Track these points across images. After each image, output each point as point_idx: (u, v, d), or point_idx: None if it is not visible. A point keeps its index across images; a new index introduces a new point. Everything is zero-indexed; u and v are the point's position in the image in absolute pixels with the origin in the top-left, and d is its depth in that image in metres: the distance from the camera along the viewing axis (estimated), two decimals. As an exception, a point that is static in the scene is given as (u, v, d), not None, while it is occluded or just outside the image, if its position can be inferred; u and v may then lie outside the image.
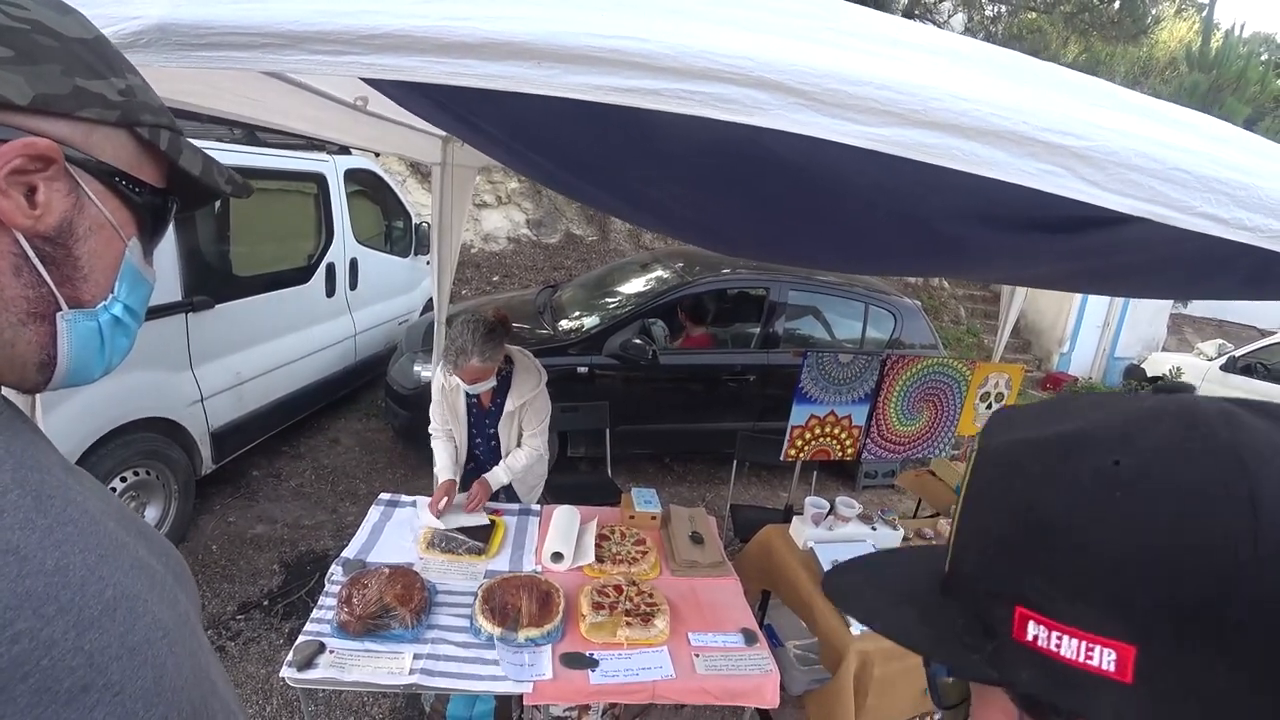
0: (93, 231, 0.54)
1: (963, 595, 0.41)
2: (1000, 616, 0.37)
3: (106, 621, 0.48)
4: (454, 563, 2.08)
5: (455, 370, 2.30)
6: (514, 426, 2.53)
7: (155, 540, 0.64)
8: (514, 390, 2.47)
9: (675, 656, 1.80)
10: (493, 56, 0.66)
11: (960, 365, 2.98)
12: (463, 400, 2.49)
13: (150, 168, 0.58)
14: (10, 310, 0.51)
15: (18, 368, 0.53)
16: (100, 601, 0.48)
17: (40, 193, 0.50)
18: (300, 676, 1.55)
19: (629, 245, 9.37)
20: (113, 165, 0.54)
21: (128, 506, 0.65)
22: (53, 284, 0.52)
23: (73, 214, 0.52)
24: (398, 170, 8.25)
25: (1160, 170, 0.90)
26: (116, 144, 0.54)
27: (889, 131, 0.73)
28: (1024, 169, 0.83)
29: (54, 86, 0.49)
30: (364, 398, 5.29)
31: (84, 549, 0.49)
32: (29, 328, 0.52)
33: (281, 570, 3.25)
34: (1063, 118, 0.84)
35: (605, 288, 5.22)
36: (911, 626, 0.43)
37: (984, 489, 0.41)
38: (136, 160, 0.56)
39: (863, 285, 5.28)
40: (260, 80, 1.49)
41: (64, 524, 0.49)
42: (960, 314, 10.28)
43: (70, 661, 0.44)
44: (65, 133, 0.51)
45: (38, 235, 0.50)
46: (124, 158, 0.55)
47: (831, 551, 2.38)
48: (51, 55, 0.49)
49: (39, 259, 0.51)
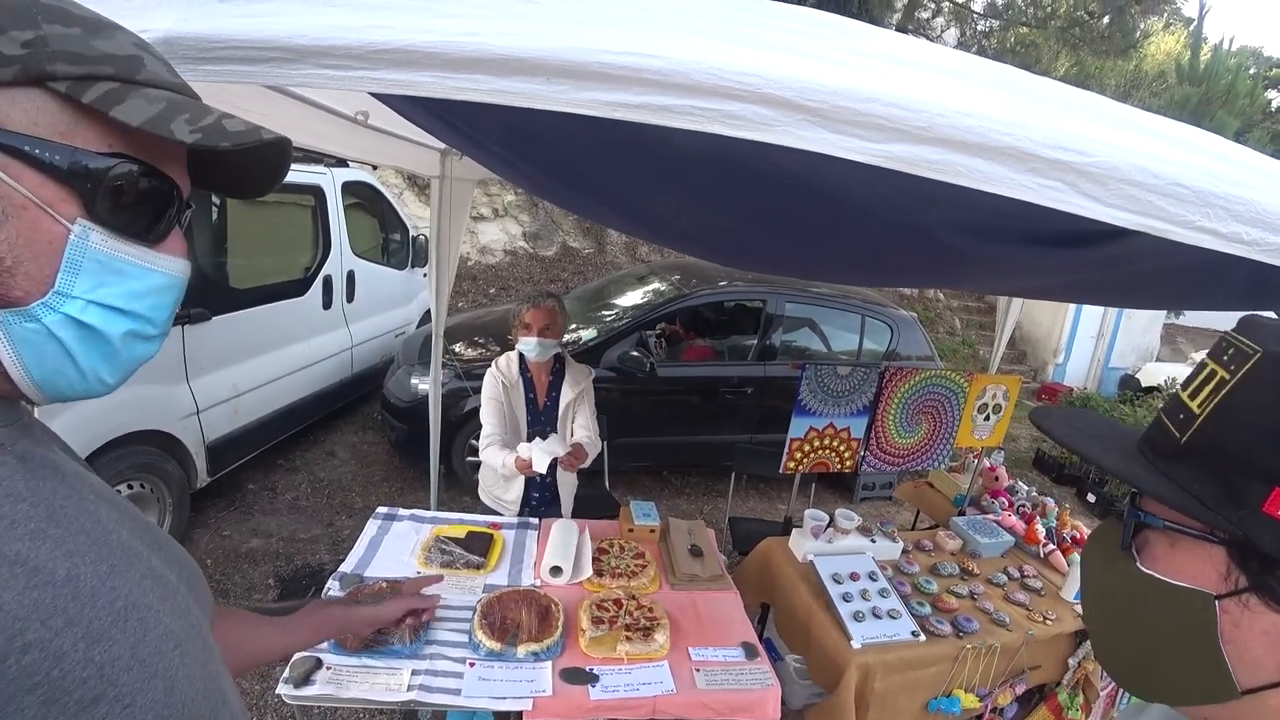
0: (9, 215, 0.45)
1: (1210, 466, 0.47)
2: (1255, 490, 0.44)
3: (117, 633, 0.47)
4: (452, 577, 2.06)
5: (532, 309, 2.41)
6: (569, 422, 2.60)
7: (169, 549, 0.63)
8: (568, 381, 2.58)
9: (676, 671, 1.79)
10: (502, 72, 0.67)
11: (958, 377, 2.99)
12: (522, 398, 2.53)
13: (89, 130, 0.48)
14: None
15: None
16: (111, 612, 0.47)
17: None
18: (297, 694, 1.53)
19: (625, 258, 9.39)
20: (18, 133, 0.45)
21: (142, 514, 0.63)
22: None
23: None
24: (395, 183, 8.26)
25: (1159, 185, 0.91)
26: (29, 107, 0.45)
27: (894, 148, 0.74)
28: (1025, 184, 0.84)
29: None
30: (360, 410, 5.27)
31: (95, 560, 0.48)
32: None
33: (277, 585, 3.22)
34: (1064, 134, 0.84)
35: (602, 300, 5.22)
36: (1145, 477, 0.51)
37: (1269, 387, 0.46)
38: (67, 124, 0.47)
39: (859, 297, 5.30)
40: (262, 95, 1.49)
41: (76, 534, 0.48)
42: (956, 325, 10.33)
43: (81, 673, 0.43)
44: None
45: None
46: (46, 122, 0.46)
47: (831, 564, 2.38)
48: None
49: None
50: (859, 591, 2.29)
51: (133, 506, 0.62)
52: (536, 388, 2.57)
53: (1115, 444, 0.56)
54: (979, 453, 3.47)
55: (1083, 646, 2.38)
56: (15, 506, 0.45)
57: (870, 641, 2.09)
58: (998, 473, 3.44)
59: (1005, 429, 3.26)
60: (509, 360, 2.55)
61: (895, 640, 2.12)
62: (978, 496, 3.35)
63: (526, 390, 2.55)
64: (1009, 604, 2.46)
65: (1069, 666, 2.39)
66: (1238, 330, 0.52)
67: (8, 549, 0.42)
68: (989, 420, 3.16)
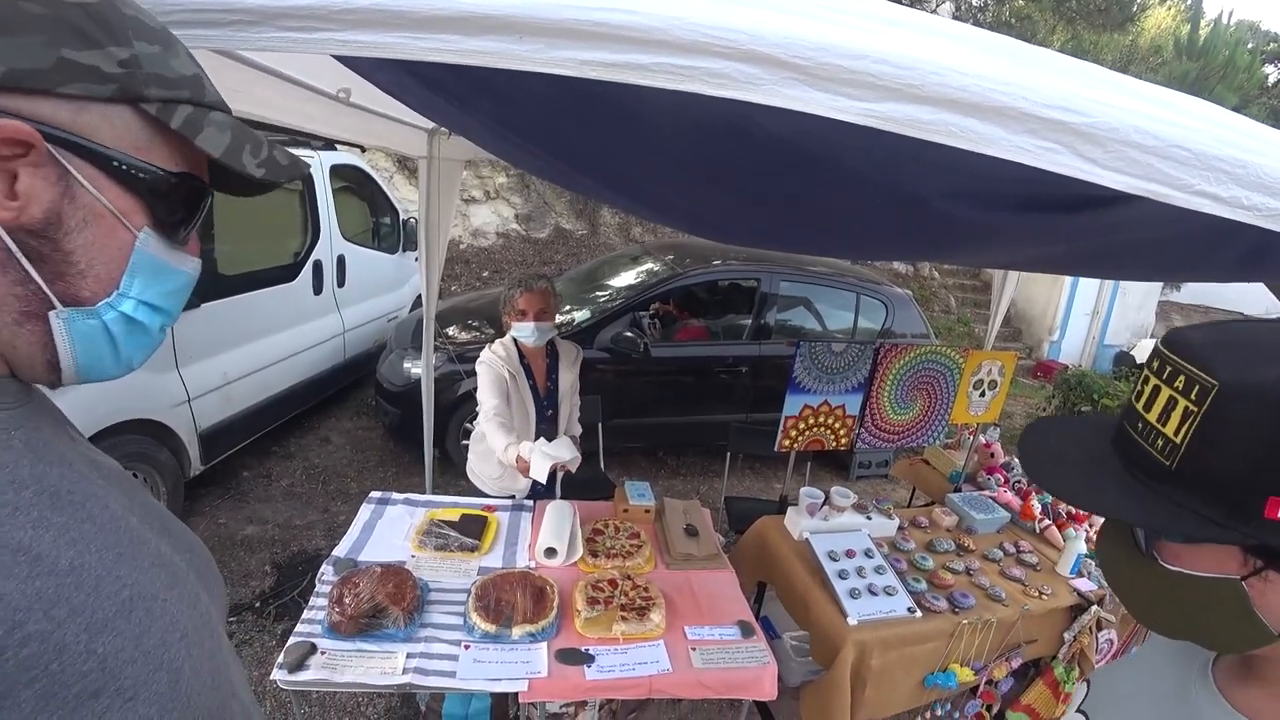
0: (88, 223, 0.48)
1: (1208, 488, 0.52)
2: (1256, 503, 0.49)
3: (121, 623, 0.46)
4: (446, 560, 2.05)
5: (525, 294, 2.35)
6: (569, 404, 2.60)
7: (179, 535, 0.62)
8: (563, 362, 2.57)
9: (672, 650, 1.78)
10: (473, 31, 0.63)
11: (953, 353, 2.97)
12: (527, 388, 2.47)
13: (163, 149, 0.51)
14: (4, 310, 0.47)
15: (27, 366, 0.50)
16: (116, 602, 0.47)
17: (21, 181, 0.44)
18: (292, 679, 1.52)
19: (619, 239, 9.33)
20: (108, 148, 0.48)
21: (153, 498, 0.62)
22: (41, 281, 0.47)
23: (61, 204, 0.46)
24: (384, 166, 8.17)
25: (1159, 147, 0.89)
26: (117, 123, 0.48)
27: (886, 107, 0.71)
28: (1022, 146, 0.81)
29: (32, 60, 0.43)
30: (354, 396, 5.25)
31: (101, 547, 0.48)
32: (25, 327, 0.48)
33: (273, 571, 3.21)
34: (1063, 94, 0.82)
35: (595, 281, 5.19)
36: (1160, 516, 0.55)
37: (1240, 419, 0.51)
38: (146, 141, 0.50)
39: (854, 275, 5.28)
40: (240, 71, 1.46)
41: (81, 521, 0.48)
42: (950, 303, 10.31)
43: (81, 666, 0.43)
44: (48, 112, 0.45)
45: (21, 229, 0.45)
46: (128, 139, 0.49)
47: (826, 542, 2.37)
48: (36, 24, 0.43)
49: (24, 255, 0.46)
50: (855, 569, 2.28)
51: (143, 490, 0.62)
52: (535, 374, 2.52)
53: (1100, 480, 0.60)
54: (974, 429, 3.47)
55: (1078, 621, 2.39)
56: (19, 494, 0.44)
57: (866, 618, 2.09)
58: (993, 449, 3.44)
59: (1001, 405, 3.24)
60: (506, 349, 2.46)
61: (891, 616, 2.12)
62: (973, 473, 3.35)
63: (528, 378, 2.49)
64: (1005, 579, 2.46)
65: (1064, 640, 2.39)
66: (1176, 353, 0.56)
67: (10, 537, 0.42)
68: (984, 396, 3.15)
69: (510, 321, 2.42)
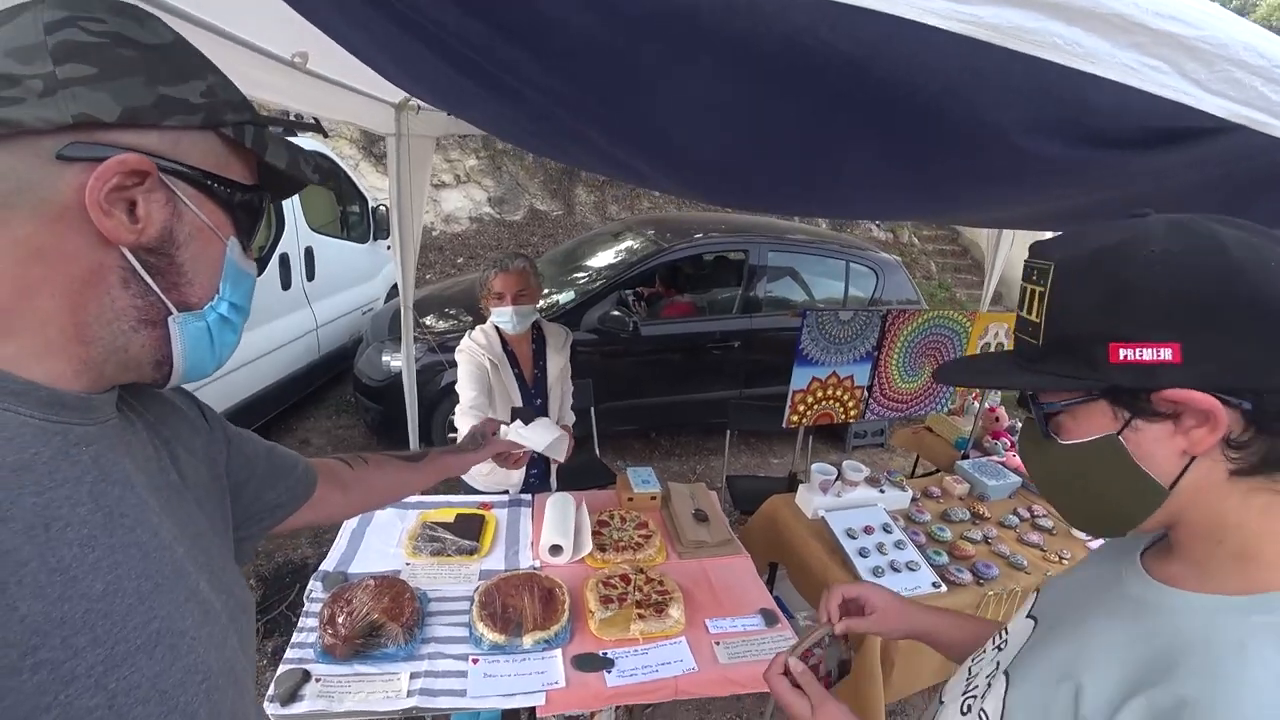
0: (192, 237, 0.54)
1: (1066, 351, 0.60)
2: (1100, 352, 0.57)
3: (142, 659, 0.47)
4: (444, 566, 1.91)
5: (501, 275, 2.17)
6: (560, 391, 2.44)
7: (221, 574, 0.62)
8: (550, 347, 2.40)
9: (695, 647, 1.67)
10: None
11: (960, 316, 2.88)
12: (512, 377, 2.30)
13: (238, 165, 0.57)
14: (122, 319, 0.51)
15: (134, 368, 0.54)
16: (143, 635, 0.47)
17: (140, 206, 0.49)
18: (285, 712, 1.38)
19: (595, 217, 9.12)
20: (203, 169, 0.53)
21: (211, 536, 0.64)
22: (160, 292, 0.52)
23: (172, 222, 0.52)
24: (350, 154, 7.87)
25: (1265, 69, 0.77)
26: (204, 147, 0.53)
27: (984, 11, 0.57)
28: (1127, 63, 0.69)
29: (139, 99, 0.48)
30: (332, 394, 5.03)
31: (140, 575, 0.49)
32: (141, 333, 0.52)
33: (259, 585, 3.04)
34: (1171, 2, 0.69)
35: (576, 261, 5.01)
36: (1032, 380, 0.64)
37: (1072, 283, 0.60)
38: (224, 160, 0.55)
39: (839, 242, 5.18)
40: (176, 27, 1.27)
41: (128, 546, 0.49)
42: (931, 269, 10.29)
43: (88, 701, 0.43)
44: (154, 144, 0.49)
45: (141, 248, 0.50)
46: (212, 160, 0.54)
47: (843, 519, 2.28)
48: (133, 67, 0.48)
49: (145, 270, 0.51)
50: (875, 545, 2.19)
51: (202, 520, 0.63)
52: (520, 361, 2.34)
53: (1000, 367, 0.70)
54: (978, 394, 3.40)
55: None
56: (74, 510, 0.46)
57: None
58: (998, 413, 3.37)
59: (1005, 368, 3.17)
60: (488, 336, 2.29)
61: (917, 592, 2.04)
62: (979, 438, 3.28)
63: (511, 366, 2.32)
64: (1023, 545, 2.39)
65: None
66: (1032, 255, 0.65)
67: (53, 555, 0.43)
68: (989, 359, 3.07)
69: (489, 307, 2.25)
